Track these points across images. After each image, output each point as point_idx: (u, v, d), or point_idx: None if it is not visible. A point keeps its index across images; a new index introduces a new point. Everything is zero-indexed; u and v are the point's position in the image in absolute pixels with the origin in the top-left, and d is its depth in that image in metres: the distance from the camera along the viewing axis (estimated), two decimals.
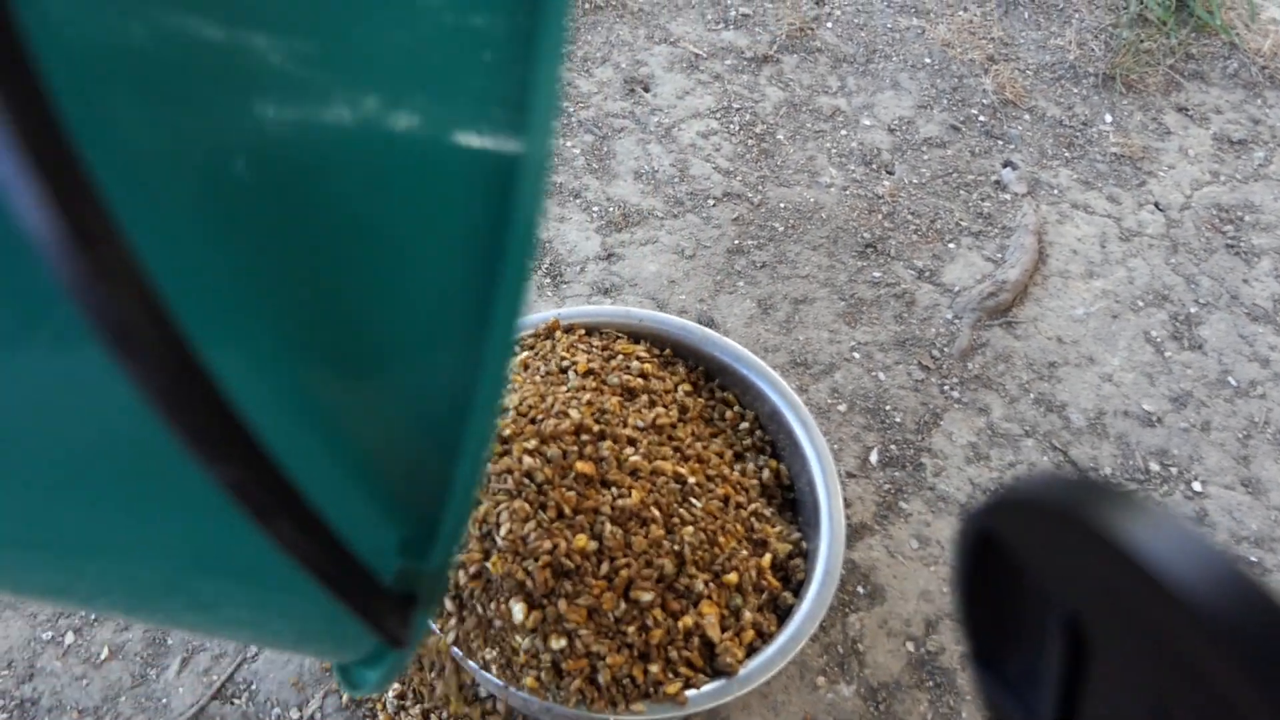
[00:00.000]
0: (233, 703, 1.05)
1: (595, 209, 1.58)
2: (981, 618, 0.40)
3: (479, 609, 0.91)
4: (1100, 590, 0.31)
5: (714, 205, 1.61)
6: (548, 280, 1.47)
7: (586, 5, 1.93)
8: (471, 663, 0.91)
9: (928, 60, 1.91)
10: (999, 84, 1.87)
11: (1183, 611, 0.25)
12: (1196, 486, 1.35)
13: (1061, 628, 0.34)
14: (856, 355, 1.44)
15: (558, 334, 1.16)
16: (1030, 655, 0.37)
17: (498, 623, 0.90)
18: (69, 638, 1.08)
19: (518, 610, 0.89)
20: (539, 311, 1.31)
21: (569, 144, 1.68)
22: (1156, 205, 1.72)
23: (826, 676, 1.13)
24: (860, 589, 1.21)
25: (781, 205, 1.62)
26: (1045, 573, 0.35)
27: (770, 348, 1.42)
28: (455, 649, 0.92)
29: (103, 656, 1.07)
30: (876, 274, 1.55)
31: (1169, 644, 0.27)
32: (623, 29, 1.90)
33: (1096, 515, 0.28)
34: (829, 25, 1.96)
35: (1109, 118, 1.85)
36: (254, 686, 1.06)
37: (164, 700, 1.05)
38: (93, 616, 1.10)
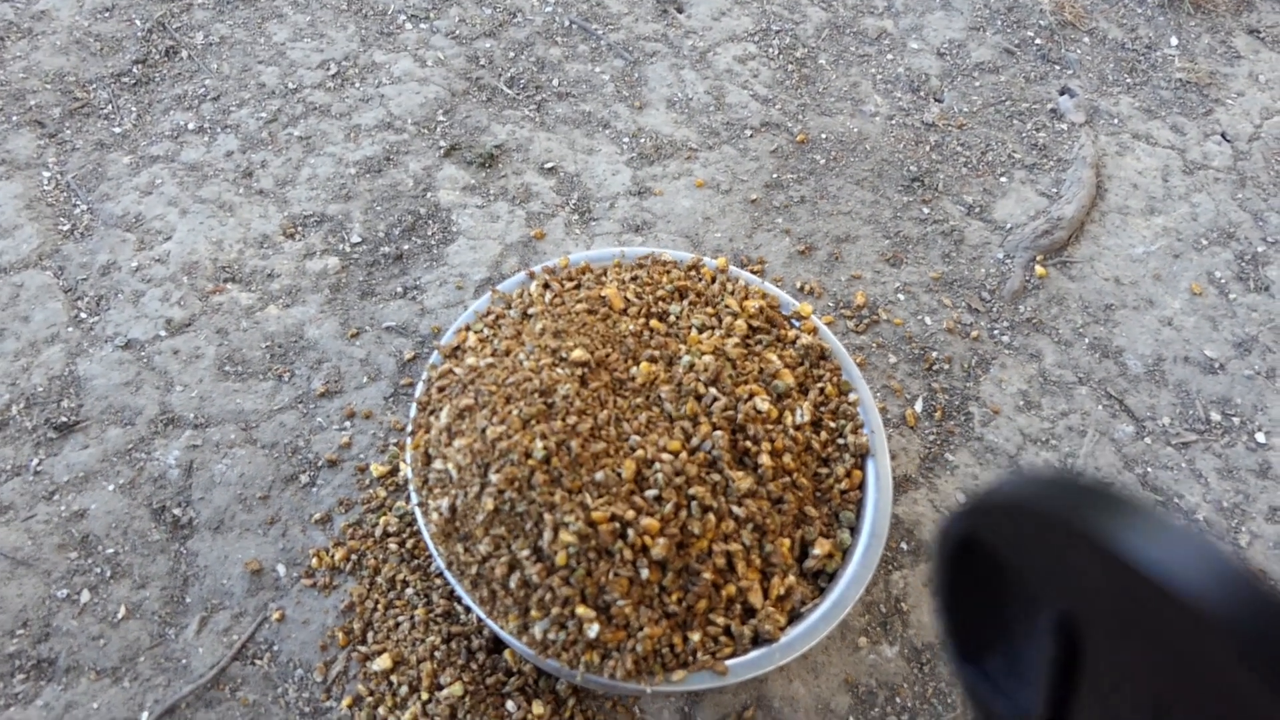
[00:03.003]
0: (254, 663, 1.02)
1: (625, 140, 1.49)
2: (964, 617, 0.40)
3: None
4: (1096, 593, 0.31)
5: (751, 136, 1.52)
6: (576, 217, 1.39)
7: None
8: (504, 634, 0.87)
9: None
10: (1058, 3, 1.74)
11: (1187, 613, 0.25)
12: (1260, 438, 1.28)
13: (1054, 628, 0.34)
14: (901, 297, 1.36)
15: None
16: (1016, 654, 0.37)
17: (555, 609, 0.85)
18: (84, 596, 1.05)
19: (583, 612, 0.84)
20: (572, 251, 1.24)
21: (597, 69, 1.58)
22: (1223, 136, 1.61)
23: (869, 637, 1.08)
24: (904, 545, 1.15)
25: (823, 136, 1.53)
26: (1034, 574, 0.35)
27: (811, 289, 1.34)
28: (489, 621, 0.87)
29: (120, 615, 1.03)
30: (923, 210, 1.45)
31: (1173, 646, 0.27)
32: None
33: (1091, 520, 0.28)
34: None
35: (1174, 40, 1.73)
36: (275, 647, 1.02)
37: (184, 661, 1.01)
38: (108, 573, 1.06)
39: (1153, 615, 0.27)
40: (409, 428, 0.99)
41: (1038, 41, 1.70)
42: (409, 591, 1.05)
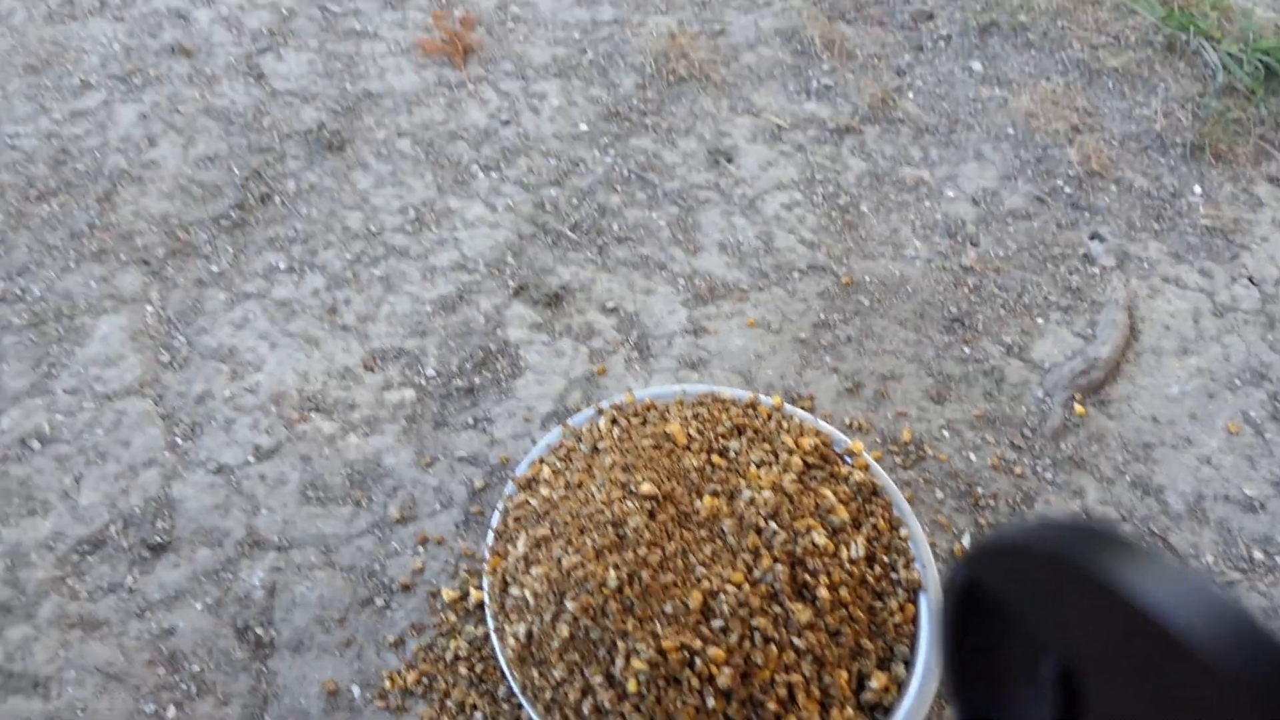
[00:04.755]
0: None
1: (681, 281, 1.59)
2: (969, 666, 0.39)
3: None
4: (1097, 639, 0.30)
5: (799, 278, 1.61)
6: (635, 354, 1.48)
7: (671, 77, 1.96)
8: None
9: (1010, 131, 1.90)
10: (1084, 154, 1.85)
11: (1190, 659, 0.25)
12: None
13: (1055, 679, 0.33)
14: (946, 434, 1.42)
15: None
16: (1019, 704, 0.37)
17: None
18: (170, 711, 1.10)
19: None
20: (637, 388, 1.32)
21: (655, 215, 1.70)
22: (1250, 279, 1.68)
23: None
24: None
25: (867, 278, 1.62)
26: (1037, 619, 0.34)
27: (859, 426, 1.41)
28: None
29: None
30: (964, 350, 1.53)
31: (1175, 694, 0.27)
32: (706, 100, 1.92)
33: (1094, 562, 0.28)
34: (910, 95, 1.97)
35: (1198, 189, 1.83)
36: None
37: None
38: (193, 690, 1.12)
39: (1155, 661, 0.27)
40: (486, 554, 1.06)
41: (1067, 190, 1.80)
42: (477, 715, 1.09)
